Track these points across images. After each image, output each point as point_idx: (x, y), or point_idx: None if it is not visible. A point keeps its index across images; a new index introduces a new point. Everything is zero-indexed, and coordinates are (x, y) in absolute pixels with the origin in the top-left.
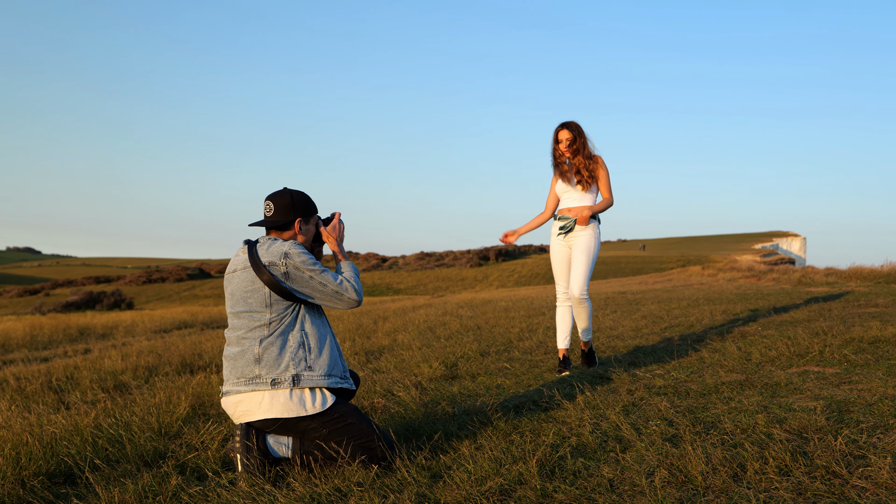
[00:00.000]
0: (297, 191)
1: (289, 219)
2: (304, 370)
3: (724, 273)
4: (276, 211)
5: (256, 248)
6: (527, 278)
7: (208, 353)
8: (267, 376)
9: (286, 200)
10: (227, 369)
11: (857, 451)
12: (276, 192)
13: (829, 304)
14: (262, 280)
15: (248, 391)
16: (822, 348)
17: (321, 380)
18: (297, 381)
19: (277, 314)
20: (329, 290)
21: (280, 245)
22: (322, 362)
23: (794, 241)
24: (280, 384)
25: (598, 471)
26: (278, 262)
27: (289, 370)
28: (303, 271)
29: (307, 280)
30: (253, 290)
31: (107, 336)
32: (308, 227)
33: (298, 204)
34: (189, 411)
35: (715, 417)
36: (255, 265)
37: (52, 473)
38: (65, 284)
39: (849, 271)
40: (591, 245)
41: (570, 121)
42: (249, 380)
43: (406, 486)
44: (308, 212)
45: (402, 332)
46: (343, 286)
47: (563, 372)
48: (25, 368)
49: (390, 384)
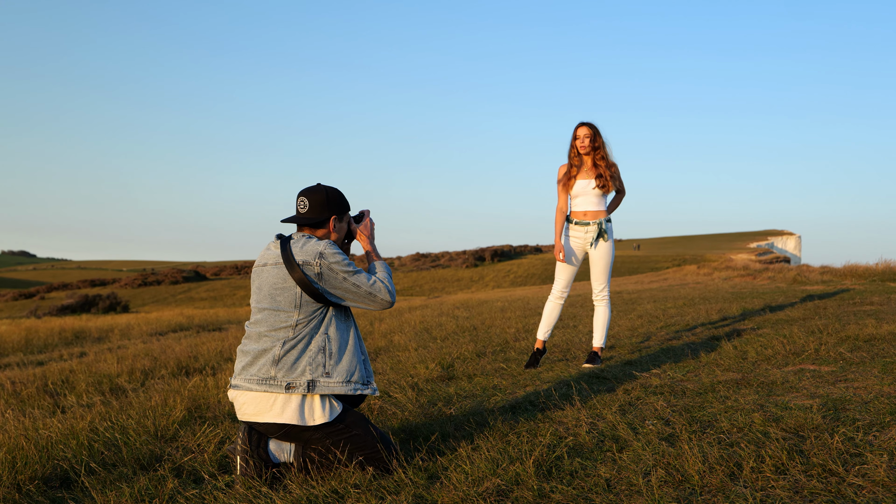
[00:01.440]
0: (332, 187)
1: (323, 216)
2: (322, 376)
3: (720, 272)
4: (310, 207)
5: (290, 244)
6: (523, 278)
7: (204, 356)
8: (283, 379)
9: (321, 197)
10: (242, 363)
11: (854, 449)
12: (310, 188)
13: (825, 303)
14: (294, 279)
15: (261, 391)
16: (817, 346)
17: (339, 386)
18: (313, 387)
19: (305, 316)
20: (362, 292)
21: (315, 244)
22: (342, 368)
23: (790, 239)
24: (295, 388)
25: (595, 471)
26: (312, 261)
27: (305, 375)
28: (336, 272)
29: (340, 281)
30: (283, 289)
31: (102, 339)
32: (341, 224)
33: (333, 201)
34: (185, 414)
35: (711, 416)
36: (287, 262)
37: (48, 477)
38: (60, 288)
39: (844, 269)
40: (612, 250)
41: (590, 121)
42: (263, 380)
43: (403, 488)
44: (342, 209)
45: (398, 333)
46: (376, 287)
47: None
48: (21, 372)
49: (387, 385)
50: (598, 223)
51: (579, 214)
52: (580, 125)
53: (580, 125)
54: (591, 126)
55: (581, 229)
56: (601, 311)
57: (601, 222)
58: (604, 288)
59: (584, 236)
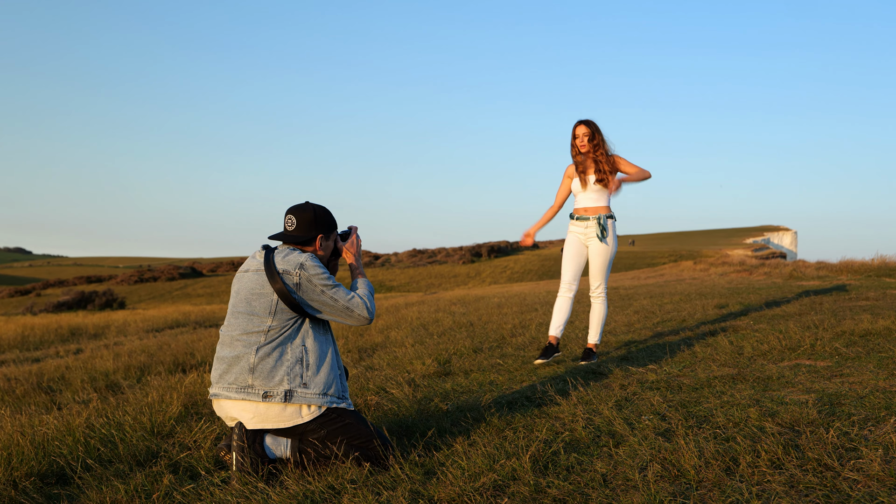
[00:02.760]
0: (319, 206)
1: (311, 234)
2: (299, 386)
3: (716, 268)
4: (297, 226)
5: (274, 254)
6: (519, 274)
7: (201, 352)
8: (260, 388)
9: (309, 216)
10: (218, 371)
11: (849, 444)
12: (298, 206)
13: (821, 298)
14: (274, 287)
15: (240, 399)
16: (813, 342)
17: (315, 398)
18: (290, 397)
19: (279, 323)
20: (339, 306)
21: (297, 255)
22: (319, 380)
23: (785, 235)
24: (272, 397)
25: (591, 466)
26: (293, 271)
27: (282, 384)
28: (315, 284)
29: (318, 294)
30: (260, 294)
31: (99, 336)
32: (328, 243)
33: (321, 219)
34: (182, 410)
35: (707, 411)
36: (269, 271)
37: (44, 474)
38: (56, 284)
39: (840, 265)
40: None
41: (588, 118)
42: (241, 388)
43: (400, 483)
44: (329, 227)
45: (394, 329)
46: (354, 302)
47: (540, 359)
48: (17, 369)
49: (383, 381)
50: (597, 218)
51: (580, 210)
52: (578, 124)
53: (578, 124)
54: (589, 124)
55: (581, 224)
56: (597, 307)
57: (601, 217)
58: (600, 285)
59: (584, 231)
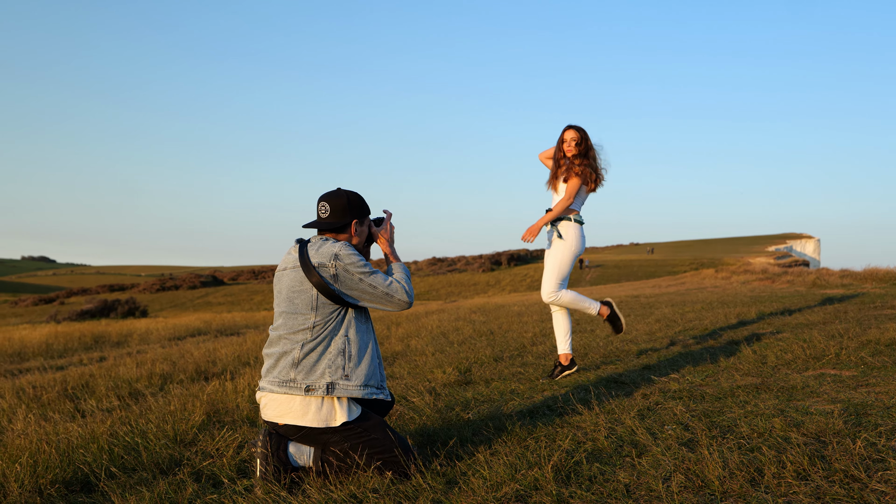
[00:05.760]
0: (352, 191)
1: (345, 220)
2: (341, 378)
3: (738, 276)
4: (331, 212)
5: (307, 247)
6: (539, 283)
7: (222, 361)
8: (302, 382)
9: (342, 202)
10: (266, 365)
11: (876, 455)
12: (330, 193)
13: (845, 306)
14: (311, 281)
15: (281, 393)
16: (838, 351)
17: (357, 390)
18: (332, 390)
19: (322, 318)
20: (379, 293)
21: (331, 246)
22: (360, 372)
23: (808, 242)
24: (314, 391)
25: (614, 476)
26: (328, 263)
27: (324, 377)
28: (352, 273)
29: (356, 282)
30: (300, 291)
31: (121, 344)
32: (362, 228)
33: (354, 205)
34: (204, 419)
35: (731, 421)
36: (304, 265)
37: (69, 481)
38: (79, 293)
39: (864, 273)
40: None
41: (578, 125)
42: (283, 382)
43: (421, 493)
44: (363, 213)
45: (415, 337)
46: (392, 287)
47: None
48: (41, 377)
49: (404, 390)
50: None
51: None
52: (567, 128)
53: (567, 128)
54: (578, 130)
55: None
56: (555, 317)
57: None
58: (550, 291)
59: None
